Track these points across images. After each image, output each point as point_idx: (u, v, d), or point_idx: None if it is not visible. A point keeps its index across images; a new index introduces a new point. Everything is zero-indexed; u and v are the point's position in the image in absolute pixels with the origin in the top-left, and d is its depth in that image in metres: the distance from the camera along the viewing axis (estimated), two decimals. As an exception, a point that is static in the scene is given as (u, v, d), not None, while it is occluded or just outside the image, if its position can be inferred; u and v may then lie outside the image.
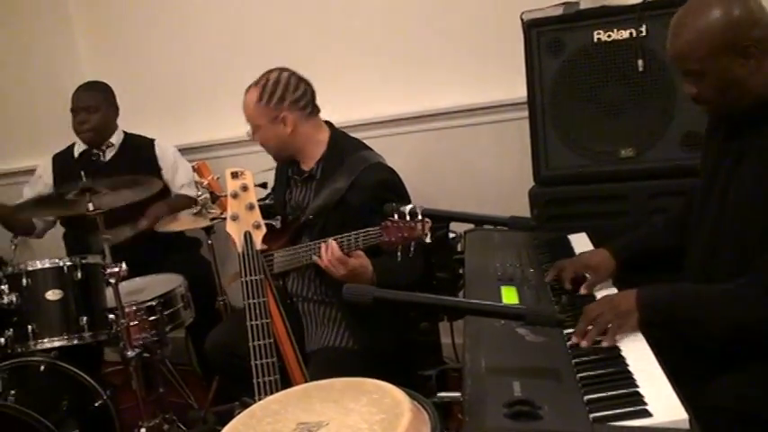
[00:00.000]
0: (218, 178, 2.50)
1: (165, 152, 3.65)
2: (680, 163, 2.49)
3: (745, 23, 1.68)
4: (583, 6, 2.74)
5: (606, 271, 2.02)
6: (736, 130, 1.80)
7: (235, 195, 2.02)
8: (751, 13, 1.68)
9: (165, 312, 2.92)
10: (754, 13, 1.69)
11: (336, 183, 2.54)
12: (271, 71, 2.63)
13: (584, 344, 1.64)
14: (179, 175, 3.62)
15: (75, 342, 2.73)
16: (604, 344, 1.62)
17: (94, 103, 3.52)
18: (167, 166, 3.62)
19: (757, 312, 1.62)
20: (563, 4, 2.72)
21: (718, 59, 1.70)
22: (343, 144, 2.65)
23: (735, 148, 1.80)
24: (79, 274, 2.75)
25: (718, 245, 1.80)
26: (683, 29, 1.74)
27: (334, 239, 2.35)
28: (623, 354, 1.58)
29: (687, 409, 1.32)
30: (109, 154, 3.60)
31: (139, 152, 3.62)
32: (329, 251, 2.33)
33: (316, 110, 2.67)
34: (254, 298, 1.92)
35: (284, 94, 2.59)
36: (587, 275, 2.00)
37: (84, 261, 2.77)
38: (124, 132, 3.66)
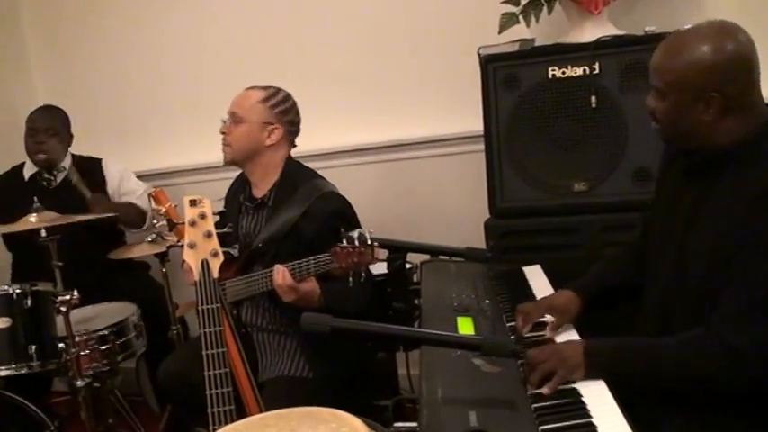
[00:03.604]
0: (175, 206, 2.48)
1: (111, 169, 3.61)
2: (631, 197, 2.54)
3: (725, 74, 1.64)
4: (538, 43, 2.81)
5: (572, 311, 1.98)
6: (695, 172, 1.79)
7: (193, 223, 2.00)
8: (737, 66, 1.65)
9: (118, 341, 2.88)
10: (741, 67, 1.66)
11: (289, 211, 2.54)
12: (279, 88, 2.66)
13: (530, 389, 1.61)
14: (124, 184, 3.58)
15: (24, 371, 2.67)
16: (545, 391, 1.58)
17: (54, 126, 3.48)
18: (112, 181, 3.58)
19: (711, 367, 1.59)
20: (519, 40, 2.78)
21: (682, 92, 1.68)
22: (296, 173, 2.66)
23: (693, 190, 1.78)
24: (29, 302, 2.68)
25: (677, 290, 1.78)
26: (673, 44, 1.71)
27: (286, 266, 2.35)
28: (577, 385, 1.60)
29: (639, 439, 1.35)
30: (59, 178, 3.55)
31: (88, 174, 3.56)
32: (281, 275, 2.33)
33: (293, 144, 2.70)
34: (210, 327, 1.90)
35: (288, 111, 2.63)
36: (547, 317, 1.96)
37: (34, 288, 2.71)
38: (72, 155, 3.60)
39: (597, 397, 1.54)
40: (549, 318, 1.96)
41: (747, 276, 1.59)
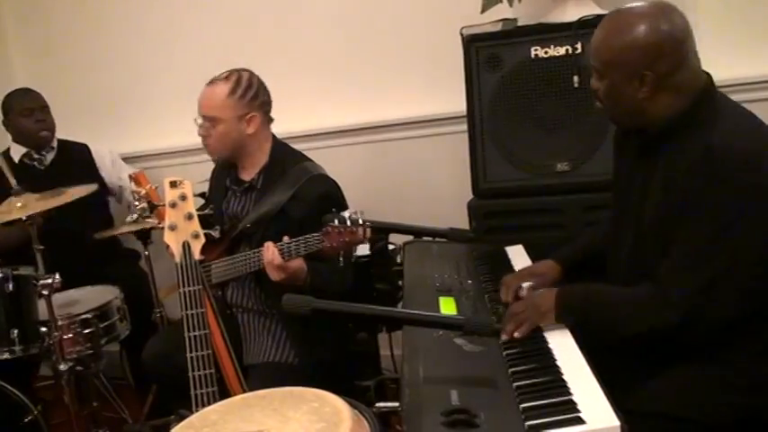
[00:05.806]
0: (156, 188, 2.46)
1: (101, 155, 3.65)
2: (614, 177, 2.55)
3: (656, 54, 1.70)
4: (521, 23, 2.80)
5: (552, 277, 2.11)
6: (643, 148, 1.86)
7: (173, 205, 1.99)
8: (667, 45, 1.70)
9: (101, 325, 2.85)
10: (672, 46, 1.71)
11: (278, 194, 2.53)
12: (237, 69, 2.58)
13: (504, 337, 1.72)
14: (117, 165, 3.65)
15: (6, 356, 2.64)
16: (517, 335, 1.72)
17: (45, 104, 3.51)
18: (107, 167, 3.62)
19: (656, 321, 1.67)
20: (501, 20, 2.77)
21: (616, 71, 1.76)
22: (284, 155, 2.65)
23: (644, 165, 1.85)
24: (10, 286, 2.65)
25: (637, 259, 1.85)
26: (608, 25, 1.79)
27: (276, 246, 2.33)
28: (558, 363, 1.61)
29: (619, 416, 1.35)
30: (49, 158, 3.54)
31: (77, 156, 3.59)
32: (270, 251, 2.33)
33: (271, 119, 2.66)
34: (192, 309, 1.90)
35: (258, 94, 2.56)
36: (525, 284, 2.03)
37: (15, 272, 2.68)
38: (57, 138, 3.60)
39: (577, 374, 1.54)
40: (527, 283, 2.02)
41: (689, 233, 1.67)
